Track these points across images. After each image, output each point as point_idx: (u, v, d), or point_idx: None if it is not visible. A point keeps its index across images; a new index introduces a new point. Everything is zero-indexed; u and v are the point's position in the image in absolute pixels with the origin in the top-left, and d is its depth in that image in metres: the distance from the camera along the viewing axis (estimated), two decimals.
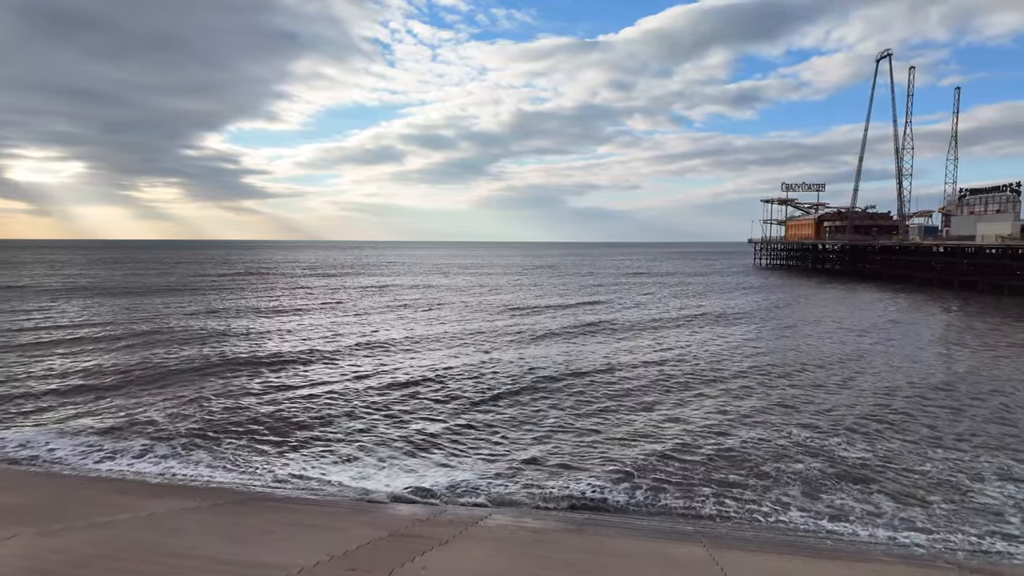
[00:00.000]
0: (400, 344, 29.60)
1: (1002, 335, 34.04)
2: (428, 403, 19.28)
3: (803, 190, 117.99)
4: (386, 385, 21.45)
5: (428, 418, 17.66)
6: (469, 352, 27.74)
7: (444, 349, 28.41)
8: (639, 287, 70.05)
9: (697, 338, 32.61)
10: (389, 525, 9.48)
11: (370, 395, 20.12)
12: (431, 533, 9.02)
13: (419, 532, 9.12)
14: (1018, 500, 12.35)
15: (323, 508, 11.23)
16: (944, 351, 29.32)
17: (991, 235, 66.42)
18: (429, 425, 16.98)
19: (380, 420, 17.42)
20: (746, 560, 8.89)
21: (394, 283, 72.34)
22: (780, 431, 16.70)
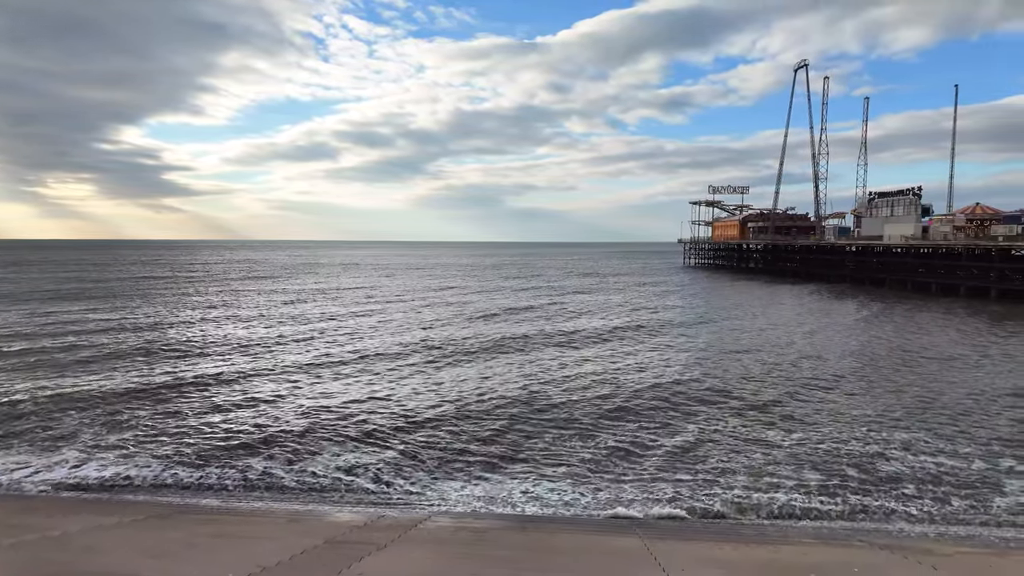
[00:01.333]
0: (347, 354, 28.71)
1: (915, 324, 36.87)
2: (372, 420, 18.89)
3: (728, 192, 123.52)
4: (330, 396, 20.86)
5: (370, 437, 17.32)
6: (417, 368, 27.36)
7: (398, 363, 26.37)
8: (602, 290, 71.24)
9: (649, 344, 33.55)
10: (325, 532, 9.22)
11: (312, 407, 19.50)
12: (369, 538, 8.83)
13: (357, 538, 8.92)
14: (920, 477, 13.38)
15: (255, 518, 10.80)
16: (863, 340, 31.39)
17: (897, 235, 71.69)
18: (372, 439, 16.65)
19: (324, 434, 16.92)
20: (678, 548, 9.20)
21: (334, 286, 68.09)
22: (719, 421, 17.43)
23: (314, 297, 53.87)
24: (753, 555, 9.00)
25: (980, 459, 14.61)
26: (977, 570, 8.73)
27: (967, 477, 13.57)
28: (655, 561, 8.23)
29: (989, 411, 18.82)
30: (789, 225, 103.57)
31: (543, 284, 73.86)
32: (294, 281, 73.51)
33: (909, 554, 9.25)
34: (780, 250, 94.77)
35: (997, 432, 16.72)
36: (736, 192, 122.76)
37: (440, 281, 76.82)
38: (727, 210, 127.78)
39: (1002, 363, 26.29)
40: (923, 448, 15.35)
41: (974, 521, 11.57)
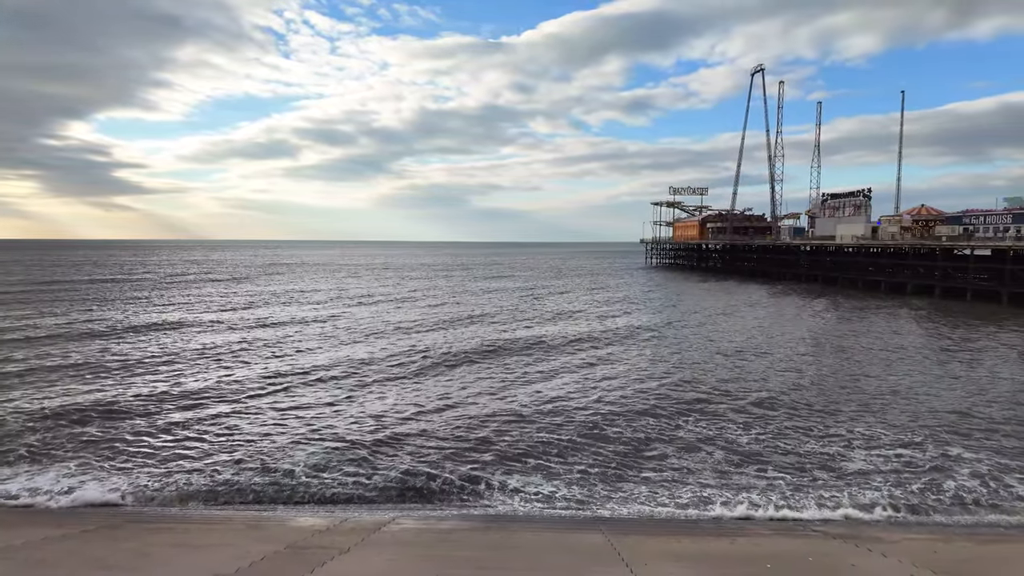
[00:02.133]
0: (309, 361, 28.10)
1: (866, 323, 38.29)
2: (337, 428, 18.59)
3: (688, 193, 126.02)
4: (292, 402, 20.44)
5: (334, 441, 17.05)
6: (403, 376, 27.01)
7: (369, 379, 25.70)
8: (583, 290, 71.58)
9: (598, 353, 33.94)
10: (287, 538, 9.05)
11: (275, 415, 19.07)
12: (332, 543, 8.71)
13: (319, 543, 8.78)
14: (881, 468, 13.92)
15: (213, 525, 10.51)
16: (813, 347, 32.43)
17: (848, 235, 74.35)
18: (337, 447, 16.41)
19: (287, 441, 16.57)
20: (640, 543, 9.35)
21: (296, 288, 64.49)
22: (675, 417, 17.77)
23: (276, 300, 52.58)
24: (712, 547, 9.22)
25: (930, 448, 15.29)
26: (922, 555, 9.12)
27: (916, 466, 14.17)
28: (619, 556, 8.35)
29: (936, 403, 19.69)
30: (746, 226, 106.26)
31: (514, 286, 73.97)
32: (253, 283, 71.64)
33: (860, 542, 9.62)
34: (738, 250, 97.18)
35: (943, 421, 17.51)
36: (696, 193, 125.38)
37: (408, 283, 76.11)
38: (687, 211, 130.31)
39: (943, 355, 27.55)
40: (877, 439, 15.97)
41: (921, 509, 12.10)
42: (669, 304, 51.11)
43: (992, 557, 9.35)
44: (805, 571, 8.23)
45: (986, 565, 8.86)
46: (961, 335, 33.86)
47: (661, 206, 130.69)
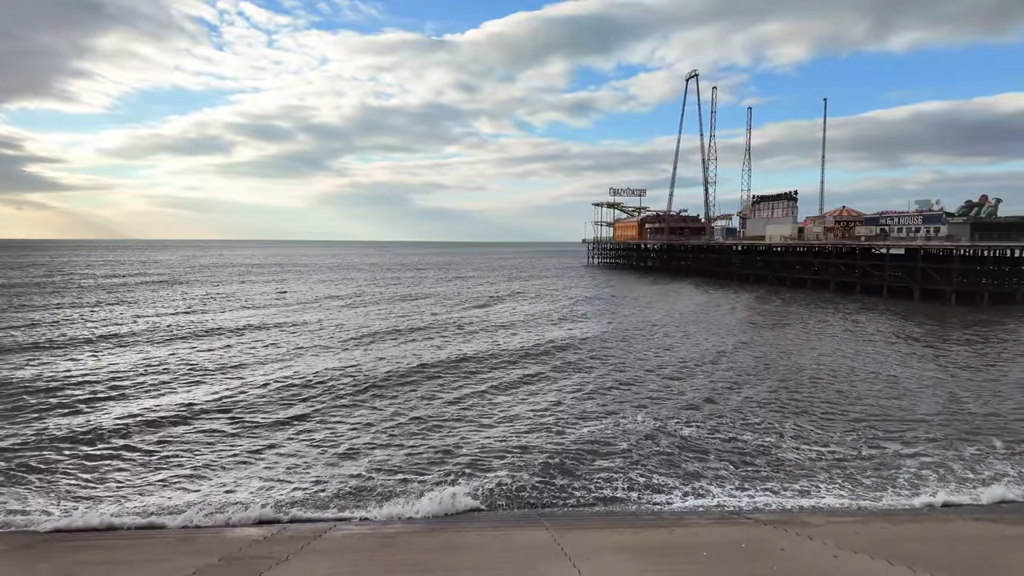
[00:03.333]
0: (242, 372, 26.96)
1: (784, 316, 40.28)
2: (276, 440, 17.99)
3: (628, 195, 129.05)
4: (230, 414, 19.61)
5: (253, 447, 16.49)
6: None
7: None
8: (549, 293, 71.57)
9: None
10: (220, 550, 8.70)
11: (212, 427, 18.27)
12: (269, 552, 8.44)
13: (255, 553, 8.50)
14: (814, 460, 14.68)
15: (142, 540, 9.98)
16: (744, 338, 33.87)
17: (776, 235, 78.01)
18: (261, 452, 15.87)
19: (225, 452, 15.89)
20: (583, 536, 9.53)
21: (231, 292, 59.57)
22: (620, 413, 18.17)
23: (211, 306, 50.15)
24: (651, 538, 9.50)
25: (851, 436, 16.26)
26: (845, 536, 9.70)
27: (839, 453, 15.04)
28: (562, 551, 8.48)
29: (855, 395, 20.96)
30: (682, 226, 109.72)
31: (462, 290, 73.59)
32: (187, 287, 68.16)
33: (788, 527, 10.13)
34: (675, 249, 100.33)
35: (866, 411, 18.66)
36: (635, 195, 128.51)
37: (353, 286, 74.45)
38: (627, 211, 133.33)
39: (859, 348, 29.36)
40: (802, 431, 16.84)
41: (845, 494, 12.86)
42: (610, 308, 52.18)
43: (907, 535, 10.05)
44: (739, 557, 8.59)
45: (902, 543, 9.50)
46: (875, 328, 36.17)
47: (602, 207, 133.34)
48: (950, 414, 18.57)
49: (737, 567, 8.14)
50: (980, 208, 57.85)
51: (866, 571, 7.85)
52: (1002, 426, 17.39)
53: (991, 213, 57.16)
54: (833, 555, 8.52)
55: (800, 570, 7.96)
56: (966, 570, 7.77)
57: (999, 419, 18.10)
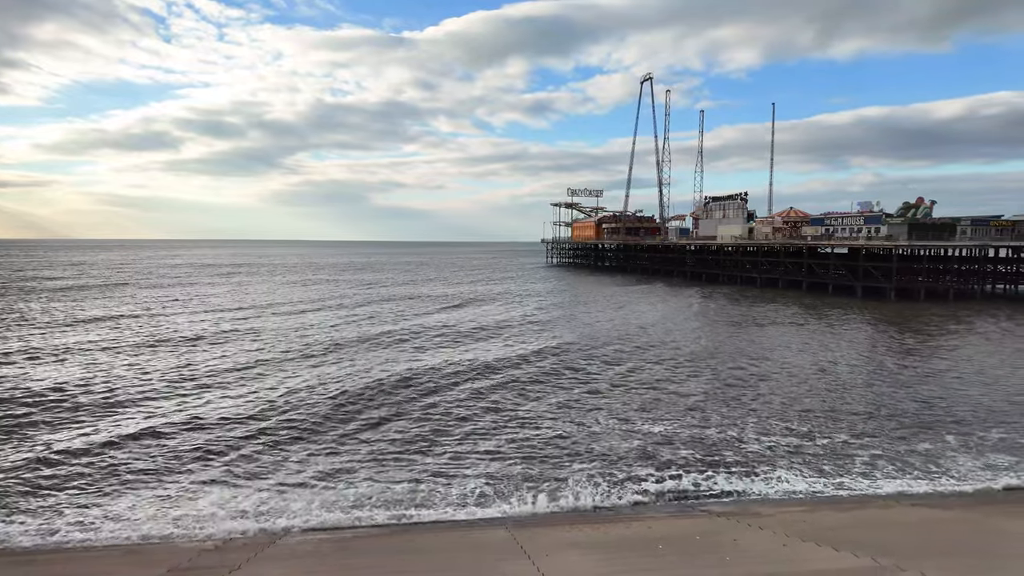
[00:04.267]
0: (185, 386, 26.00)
1: (741, 312, 41.48)
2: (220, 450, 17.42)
3: (585, 195, 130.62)
4: (172, 426, 18.89)
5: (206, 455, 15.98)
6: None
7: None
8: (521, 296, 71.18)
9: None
10: (169, 561, 8.39)
11: (153, 441, 17.55)
12: (220, 561, 8.19)
13: (205, 563, 8.22)
14: (767, 452, 15.13)
15: (85, 555, 9.53)
16: (700, 331, 34.69)
17: (728, 235, 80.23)
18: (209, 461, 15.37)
19: (169, 464, 15.30)
20: (542, 534, 9.58)
21: (181, 297, 56.00)
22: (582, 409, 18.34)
23: (158, 311, 48.24)
24: (608, 533, 9.63)
25: (804, 428, 16.86)
26: (793, 524, 10.05)
27: (790, 445, 15.57)
28: (521, 549, 8.50)
29: (800, 390, 21.74)
30: (638, 226, 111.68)
31: (428, 292, 72.89)
32: (131, 290, 65.34)
33: (741, 518, 10.43)
34: (631, 249, 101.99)
35: (806, 406, 19.37)
36: (592, 195, 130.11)
37: (316, 288, 72.68)
38: (584, 211, 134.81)
39: (803, 343, 30.50)
40: (754, 424, 17.37)
41: (794, 485, 13.31)
42: (574, 312, 52.67)
43: (850, 522, 10.48)
44: (694, 549, 8.79)
45: (846, 529, 9.90)
46: (825, 324, 37.61)
47: (560, 207, 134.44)
48: (890, 406, 19.46)
49: (692, 558, 8.33)
50: (917, 209, 60.83)
51: (813, 558, 8.15)
52: (939, 417, 18.34)
53: (927, 214, 60.18)
54: (782, 544, 8.81)
55: (751, 559, 8.20)
56: (905, 553, 8.15)
57: (936, 410, 19.07)
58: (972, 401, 20.04)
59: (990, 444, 15.78)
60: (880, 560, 7.69)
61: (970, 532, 9.80)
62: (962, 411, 18.86)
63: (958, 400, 20.17)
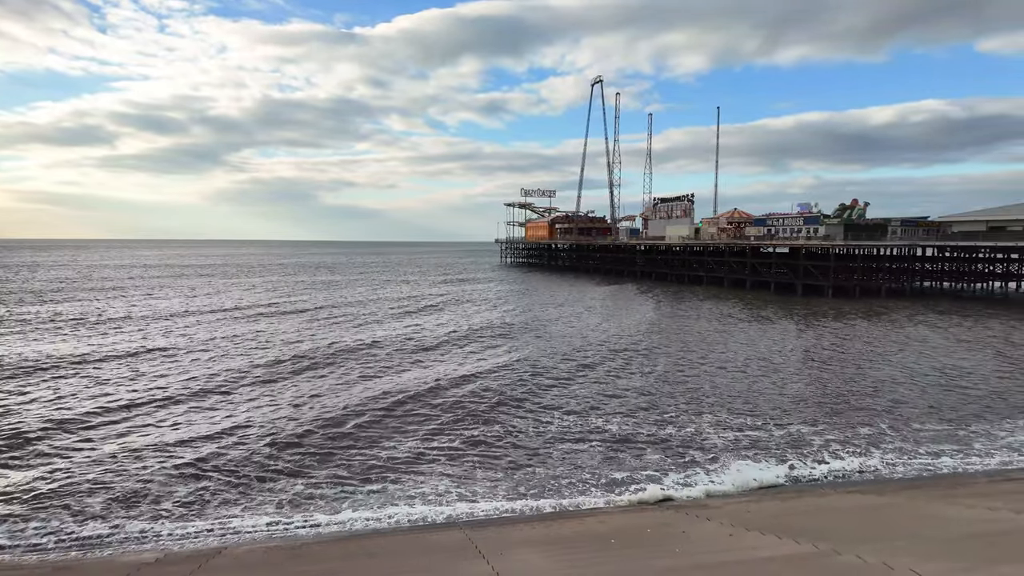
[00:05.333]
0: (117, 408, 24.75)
1: (686, 311, 42.60)
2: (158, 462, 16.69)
3: (538, 196, 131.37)
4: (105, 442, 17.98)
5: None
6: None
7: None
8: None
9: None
10: None
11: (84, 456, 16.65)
12: (161, 575, 7.85)
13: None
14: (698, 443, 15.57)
15: (15, 574, 8.96)
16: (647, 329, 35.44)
17: (675, 236, 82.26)
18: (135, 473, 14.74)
19: (106, 480, 14.55)
20: (498, 533, 9.60)
21: (114, 302, 52.70)
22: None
23: (89, 318, 45.78)
24: (563, 530, 9.74)
25: (748, 420, 17.45)
26: (739, 515, 10.39)
27: (735, 438, 16.09)
28: (476, 549, 8.49)
29: (743, 384, 22.50)
30: (590, 227, 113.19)
31: (382, 295, 71.63)
32: (55, 294, 61.75)
33: (690, 511, 10.72)
34: (583, 249, 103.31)
35: (751, 399, 20.07)
36: (545, 196, 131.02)
37: (262, 292, 70.39)
38: (538, 212, 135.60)
39: (746, 339, 31.62)
40: (703, 419, 17.87)
41: (738, 477, 13.77)
42: (534, 315, 52.93)
43: (792, 510, 10.92)
44: (645, 541, 8.98)
45: (788, 518, 10.31)
46: (766, 321, 39.06)
47: (514, 207, 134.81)
48: (829, 396, 20.38)
49: (643, 551, 8.50)
50: (852, 210, 63.90)
51: (758, 546, 8.45)
52: (875, 406, 19.31)
53: (861, 215, 63.30)
54: (729, 534, 9.10)
55: (700, 550, 8.44)
56: (842, 538, 8.55)
57: (874, 400, 20.08)
58: (905, 391, 21.20)
59: (923, 432, 16.74)
60: (819, 545, 8.04)
61: (903, 516, 10.36)
62: (897, 401, 19.92)
63: (893, 390, 21.30)
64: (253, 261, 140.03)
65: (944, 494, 11.68)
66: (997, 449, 15.50)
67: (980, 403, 19.87)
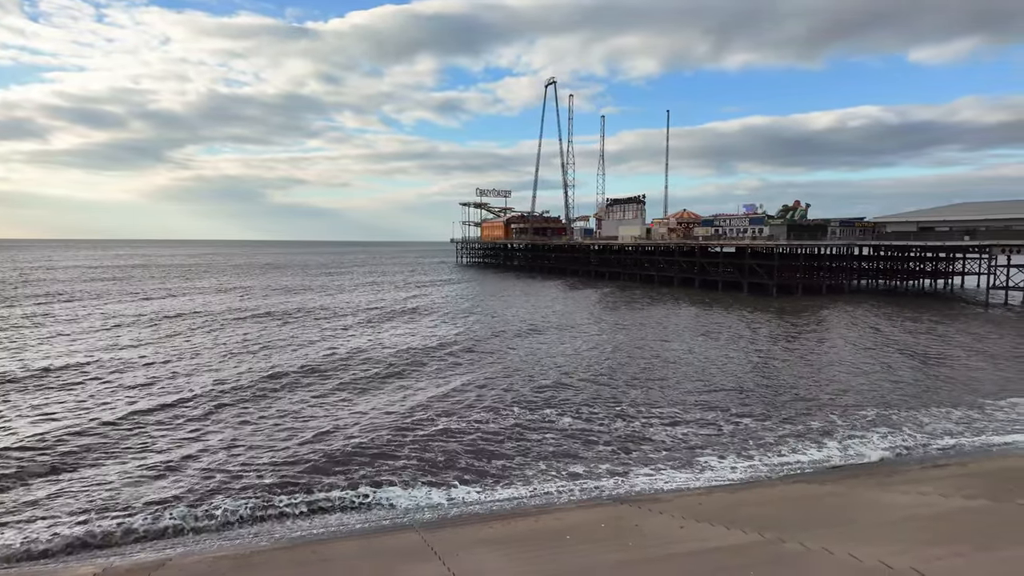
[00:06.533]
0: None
1: (637, 310, 43.42)
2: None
3: (494, 196, 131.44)
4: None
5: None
6: None
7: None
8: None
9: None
10: None
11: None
12: None
13: None
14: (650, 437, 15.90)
15: None
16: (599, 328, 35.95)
17: (628, 236, 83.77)
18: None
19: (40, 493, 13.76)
20: (453, 534, 9.56)
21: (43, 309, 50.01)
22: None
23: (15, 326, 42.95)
24: (518, 527, 9.77)
25: (695, 415, 17.91)
26: (690, 508, 10.66)
27: (687, 432, 16.50)
28: (432, 551, 8.43)
29: (695, 379, 23.11)
30: (545, 227, 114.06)
31: (336, 301, 69.99)
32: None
33: (643, 504, 10.93)
34: (539, 249, 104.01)
35: (703, 394, 20.63)
36: (500, 196, 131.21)
37: (211, 297, 67.72)
38: (493, 211, 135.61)
39: (696, 336, 32.51)
40: (655, 414, 18.24)
41: (690, 470, 14.13)
42: (496, 317, 52.84)
43: (740, 502, 11.27)
44: (599, 536, 9.11)
45: (737, 508, 10.64)
46: (714, 318, 40.22)
47: (469, 207, 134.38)
48: (773, 391, 21.14)
49: (597, 546, 8.62)
50: (794, 211, 66.42)
51: (708, 537, 8.69)
52: (818, 397, 20.14)
53: (803, 216, 65.85)
54: (680, 526, 9.32)
55: (652, 543, 8.62)
56: (787, 526, 8.89)
57: (815, 392, 20.93)
58: (844, 383, 22.18)
59: (864, 421, 17.56)
60: (765, 534, 8.33)
61: (843, 504, 10.83)
62: (834, 393, 20.83)
63: (835, 383, 22.25)
64: (216, 261, 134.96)
65: (880, 482, 12.28)
66: (927, 436, 16.41)
67: (913, 394, 20.99)
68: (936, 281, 66.07)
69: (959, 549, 7.36)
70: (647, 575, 7.37)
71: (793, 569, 7.10)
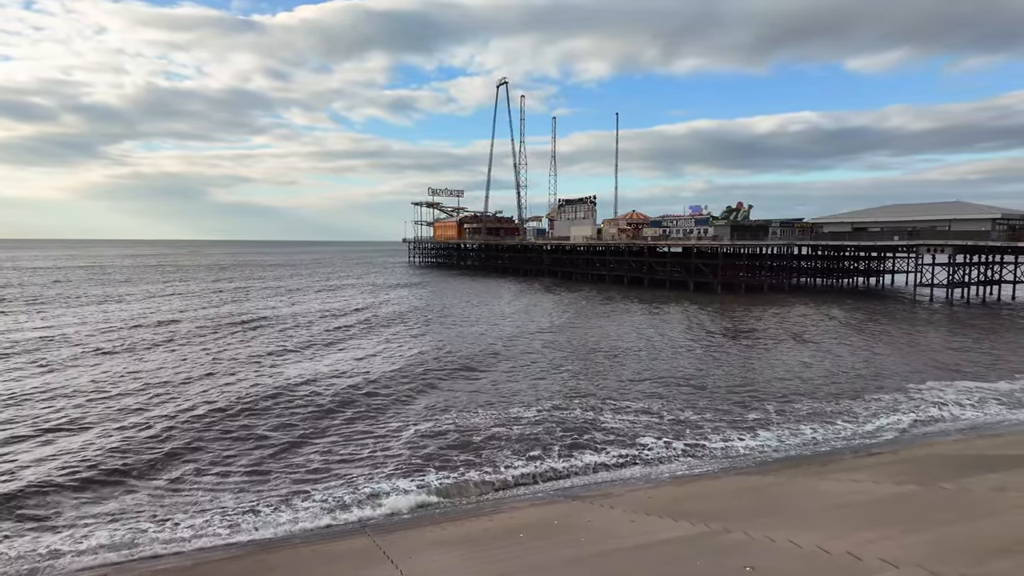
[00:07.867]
0: None
1: (588, 307, 44.07)
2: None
3: (447, 195, 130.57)
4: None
5: None
6: None
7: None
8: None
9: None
10: None
11: None
12: None
13: None
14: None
15: None
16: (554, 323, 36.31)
17: (579, 236, 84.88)
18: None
19: None
20: (405, 537, 9.48)
21: None
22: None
23: None
24: (471, 528, 9.77)
25: (644, 407, 18.30)
26: (640, 502, 10.90)
27: (633, 425, 16.84)
28: (383, 554, 8.34)
29: (638, 377, 23.63)
30: (499, 227, 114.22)
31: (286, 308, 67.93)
32: None
33: (595, 500, 11.11)
34: (492, 249, 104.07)
35: (649, 387, 21.11)
36: (453, 195, 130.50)
37: (145, 302, 64.49)
38: (446, 211, 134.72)
39: (643, 332, 33.26)
40: (606, 408, 18.55)
41: (640, 464, 14.44)
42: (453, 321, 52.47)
43: (688, 495, 11.59)
44: (552, 532, 9.21)
45: (685, 501, 10.94)
46: (660, 315, 41.21)
47: (422, 206, 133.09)
48: (717, 383, 21.83)
49: (551, 542, 8.71)
50: (737, 212, 68.77)
51: (657, 529, 8.91)
52: (758, 392, 20.90)
53: (745, 217, 68.25)
54: (631, 520, 9.52)
55: (604, 537, 8.77)
56: (732, 517, 9.20)
57: (754, 387, 21.71)
58: (782, 376, 23.11)
59: (800, 414, 18.33)
60: (711, 525, 8.61)
61: (784, 493, 11.30)
62: (775, 387, 21.68)
63: (770, 378, 23.15)
64: (154, 262, 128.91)
65: (817, 471, 12.85)
66: (860, 426, 17.29)
67: (846, 384, 22.05)
68: (869, 279, 69.56)
69: (889, 532, 7.78)
70: (599, 569, 7.49)
71: (737, 558, 7.36)
